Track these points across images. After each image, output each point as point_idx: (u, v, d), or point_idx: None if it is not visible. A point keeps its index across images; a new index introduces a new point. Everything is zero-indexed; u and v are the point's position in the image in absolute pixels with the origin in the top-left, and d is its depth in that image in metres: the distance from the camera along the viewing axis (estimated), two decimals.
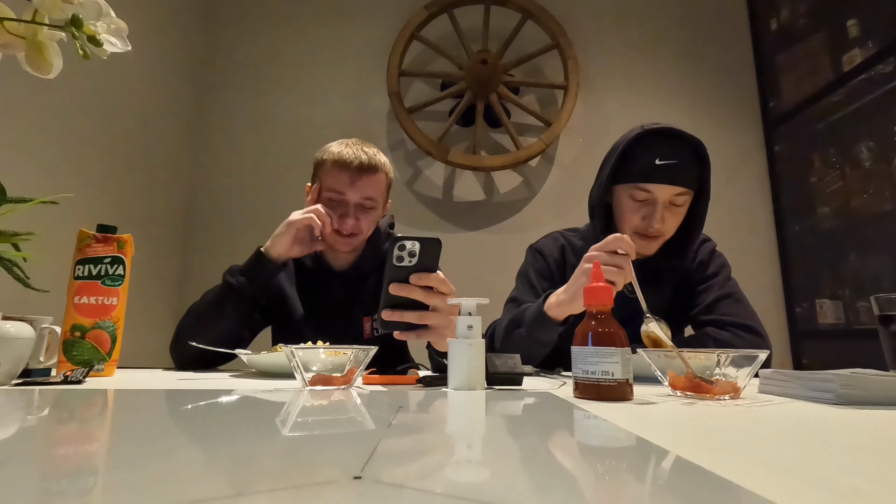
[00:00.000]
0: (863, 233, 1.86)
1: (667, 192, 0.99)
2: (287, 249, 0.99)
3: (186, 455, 0.30)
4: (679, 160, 0.98)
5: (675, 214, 1.02)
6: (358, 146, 1.09)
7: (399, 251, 0.68)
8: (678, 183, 0.99)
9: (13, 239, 0.62)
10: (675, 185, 0.98)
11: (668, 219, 1.00)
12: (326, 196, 1.07)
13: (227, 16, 2.37)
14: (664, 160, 0.98)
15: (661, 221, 1.00)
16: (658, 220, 0.99)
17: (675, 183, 0.98)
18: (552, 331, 0.92)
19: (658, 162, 0.98)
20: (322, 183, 1.08)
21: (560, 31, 2.21)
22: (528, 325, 0.94)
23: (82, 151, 1.57)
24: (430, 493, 0.22)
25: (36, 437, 0.36)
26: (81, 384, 0.64)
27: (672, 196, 0.99)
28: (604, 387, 0.53)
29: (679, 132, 1.00)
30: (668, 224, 1.01)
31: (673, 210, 1.01)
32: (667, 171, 0.98)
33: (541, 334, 0.93)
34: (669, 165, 0.98)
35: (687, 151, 1.00)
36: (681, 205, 1.01)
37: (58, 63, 0.57)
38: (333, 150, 1.08)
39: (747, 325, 0.99)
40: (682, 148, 1.00)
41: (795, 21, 2.19)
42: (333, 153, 1.08)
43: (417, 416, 0.47)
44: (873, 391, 0.52)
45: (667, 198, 0.99)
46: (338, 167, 1.06)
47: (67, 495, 0.21)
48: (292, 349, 0.61)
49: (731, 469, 0.26)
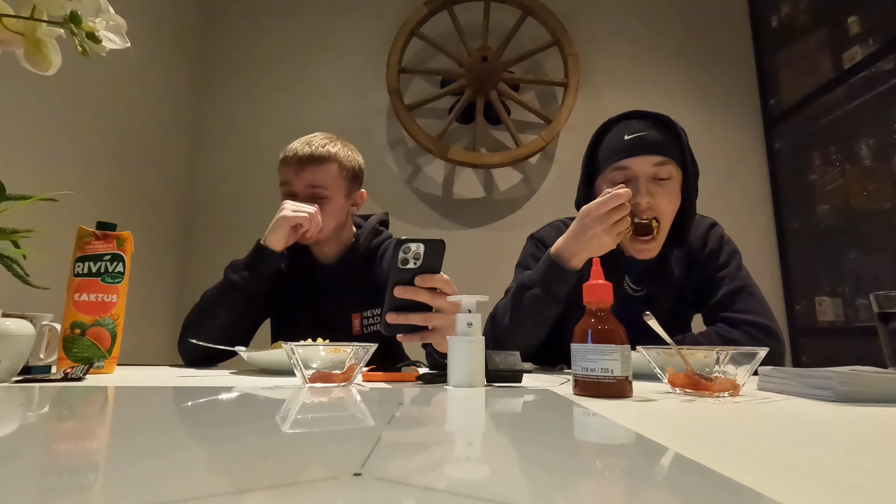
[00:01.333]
0: (862, 230, 1.86)
1: (645, 164, 0.94)
2: (282, 245, 1.03)
3: (186, 452, 0.30)
4: (649, 132, 0.95)
5: (664, 191, 0.95)
6: (310, 140, 1.12)
7: (403, 254, 0.68)
8: (654, 152, 0.94)
9: (13, 236, 0.62)
10: (651, 155, 0.94)
11: (656, 193, 0.94)
12: (281, 191, 1.11)
13: (227, 13, 2.36)
14: (633, 134, 0.95)
15: (649, 195, 0.94)
16: (644, 193, 0.93)
17: (650, 152, 0.94)
18: (568, 281, 0.90)
19: (627, 137, 0.95)
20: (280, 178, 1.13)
21: (560, 29, 2.21)
22: (541, 281, 0.92)
23: (82, 149, 1.57)
24: (431, 489, 0.22)
25: (36, 434, 0.36)
26: (82, 381, 0.64)
27: (652, 168, 0.94)
28: (603, 384, 0.53)
29: (645, 112, 0.98)
30: (658, 199, 0.94)
31: (660, 185, 0.95)
32: (639, 143, 0.95)
33: (557, 288, 0.91)
34: (641, 137, 0.95)
35: (657, 125, 0.97)
36: (665, 177, 0.95)
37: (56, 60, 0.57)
38: (288, 146, 1.12)
39: (760, 322, 0.94)
40: (651, 122, 0.97)
41: (796, 18, 2.18)
42: (287, 148, 1.12)
43: (417, 413, 0.47)
44: (872, 389, 0.52)
45: (648, 170, 0.94)
46: (284, 162, 1.11)
47: (68, 492, 0.21)
48: (292, 346, 0.61)
49: (730, 466, 0.26)
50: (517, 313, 0.94)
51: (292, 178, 1.09)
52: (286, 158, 1.10)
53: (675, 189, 0.97)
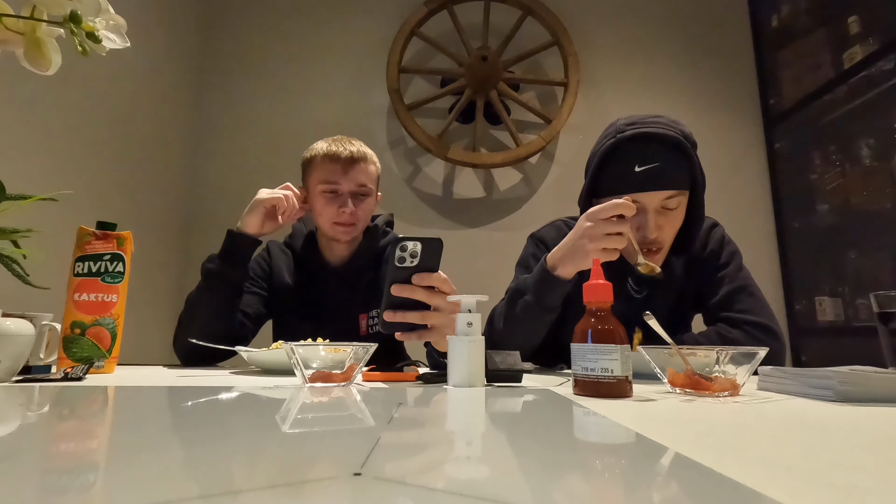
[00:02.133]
0: (862, 230, 1.86)
1: (656, 198, 0.90)
2: (258, 227, 1.05)
3: (186, 452, 0.30)
4: (661, 162, 0.89)
5: (671, 219, 0.93)
6: (345, 140, 1.13)
7: (401, 252, 0.68)
8: (665, 187, 0.90)
9: (13, 236, 0.62)
10: (662, 190, 0.90)
11: (664, 225, 0.92)
12: (321, 190, 1.10)
13: (227, 14, 2.36)
14: (644, 165, 0.89)
15: (658, 229, 0.92)
16: (652, 229, 0.91)
17: (661, 187, 0.90)
18: (560, 290, 0.88)
19: (638, 169, 0.90)
20: (314, 178, 1.11)
21: (560, 28, 2.21)
22: (534, 288, 0.90)
23: (82, 148, 1.57)
24: (430, 489, 0.22)
25: (36, 433, 0.36)
26: (81, 381, 0.64)
27: (662, 201, 0.91)
28: (603, 384, 0.53)
29: (655, 133, 0.90)
30: (665, 231, 0.93)
31: (667, 214, 0.92)
32: (651, 177, 0.89)
33: (549, 296, 0.89)
34: (653, 169, 0.89)
35: (668, 151, 0.90)
36: (674, 207, 0.92)
37: (56, 59, 0.57)
38: (321, 147, 1.12)
39: (761, 322, 0.93)
40: (661, 148, 0.90)
41: (796, 18, 2.18)
42: (322, 149, 1.11)
43: (417, 413, 0.47)
44: (872, 388, 0.52)
45: (657, 203, 0.91)
46: (328, 159, 1.10)
47: (68, 492, 0.21)
48: (292, 346, 0.61)
49: (730, 466, 0.26)
50: (510, 319, 0.94)
51: (341, 177, 1.09)
52: (332, 157, 1.10)
53: (682, 211, 0.95)
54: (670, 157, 0.90)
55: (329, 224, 1.11)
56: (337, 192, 1.10)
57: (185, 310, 1.04)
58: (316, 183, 1.11)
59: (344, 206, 1.10)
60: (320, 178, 1.10)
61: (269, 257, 1.19)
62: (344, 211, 1.09)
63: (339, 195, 1.10)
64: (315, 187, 1.11)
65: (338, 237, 1.12)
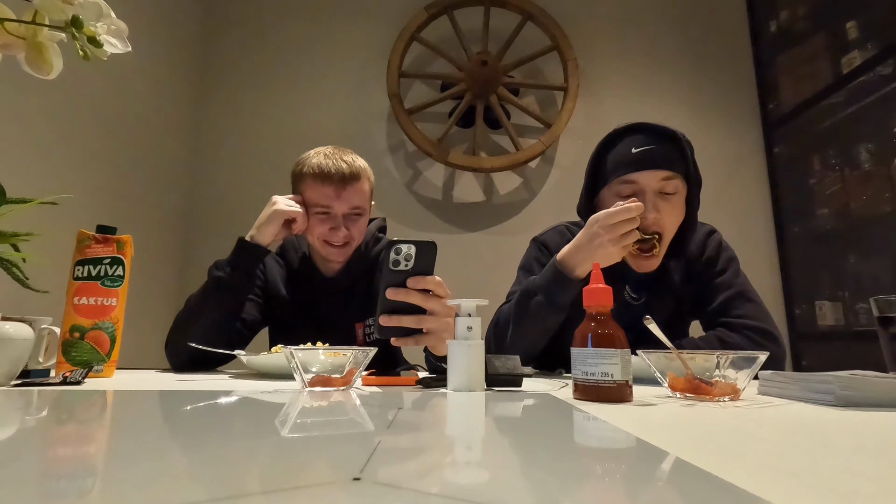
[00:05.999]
0: (862, 234, 1.86)
1: (652, 179, 0.94)
2: (273, 238, 1.02)
3: (185, 456, 0.30)
4: (656, 146, 0.95)
5: (670, 206, 0.95)
6: (337, 155, 1.06)
7: (395, 255, 0.67)
8: (661, 166, 0.94)
9: (13, 240, 0.62)
10: (659, 169, 0.94)
11: (662, 208, 0.94)
12: (313, 212, 1.05)
13: (227, 17, 2.37)
14: (640, 147, 0.95)
15: (655, 210, 0.94)
16: (651, 208, 0.93)
17: (658, 167, 0.94)
18: (573, 290, 0.90)
19: (634, 150, 0.95)
20: (305, 196, 1.06)
21: (560, 33, 2.22)
22: (546, 288, 0.91)
23: (82, 153, 1.57)
24: (429, 494, 0.22)
25: (35, 438, 0.36)
26: (80, 385, 0.64)
27: (659, 182, 0.94)
28: (603, 388, 0.53)
29: (652, 125, 0.97)
30: (664, 217, 0.95)
31: (666, 200, 0.95)
32: (647, 156, 0.94)
33: (561, 297, 0.90)
34: (648, 150, 0.94)
35: (663, 139, 0.96)
36: (671, 192, 0.95)
37: (58, 64, 0.57)
38: (313, 163, 1.05)
39: (760, 327, 0.94)
40: (656, 136, 0.96)
41: (795, 23, 2.19)
42: (313, 166, 1.04)
43: (417, 418, 0.47)
44: (872, 393, 0.52)
45: (654, 185, 0.94)
46: (320, 180, 1.03)
47: (66, 496, 0.21)
48: (292, 350, 0.61)
49: (731, 471, 0.26)
50: (521, 319, 0.94)
51: (334, 200, 1.04)
52: (323, 177, 1.03)
53: (681, 203, 0.98)
54: (665, 144, 0.96)
55: (320, 242, 1.07)
56: (330, 215, 1.06)
57: (184, 311, 0.99)
58: (307, 201, 1.06)
59: (337, 228, 1.05)
60: (312, 199, 1.05)
61: (263, 267, 1.15)
62: (337, 234, 1.05)
63: (331, 217, 1.06)
64: (307, 206, 1.06)
65: (330, 258, 1.09)
